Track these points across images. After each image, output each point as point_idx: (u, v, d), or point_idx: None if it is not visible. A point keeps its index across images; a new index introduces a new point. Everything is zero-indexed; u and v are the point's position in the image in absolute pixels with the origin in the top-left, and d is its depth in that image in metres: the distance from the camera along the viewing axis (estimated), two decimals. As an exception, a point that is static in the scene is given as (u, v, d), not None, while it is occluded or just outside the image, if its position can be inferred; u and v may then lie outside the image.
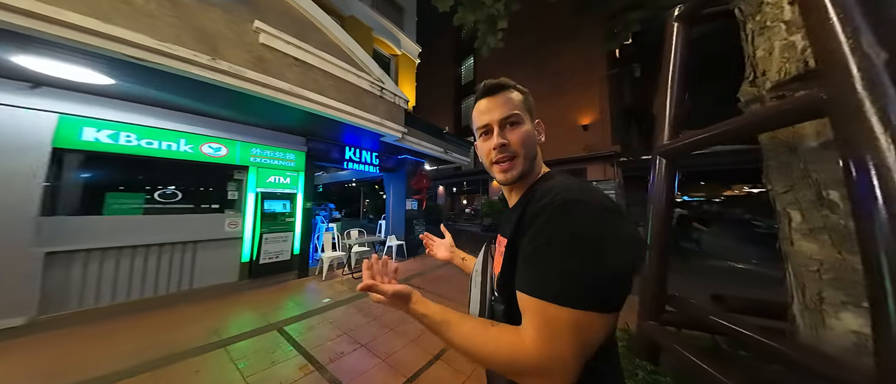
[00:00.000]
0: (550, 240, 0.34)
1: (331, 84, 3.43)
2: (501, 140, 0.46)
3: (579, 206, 0.34)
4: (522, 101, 0.49)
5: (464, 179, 15.75)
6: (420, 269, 4.89)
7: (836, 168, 0.66)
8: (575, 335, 0.30)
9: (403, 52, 7.79)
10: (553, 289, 0.31)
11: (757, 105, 0.86)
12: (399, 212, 6.03)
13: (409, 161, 6.15)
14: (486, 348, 0.34)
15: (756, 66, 0.85)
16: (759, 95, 0.85)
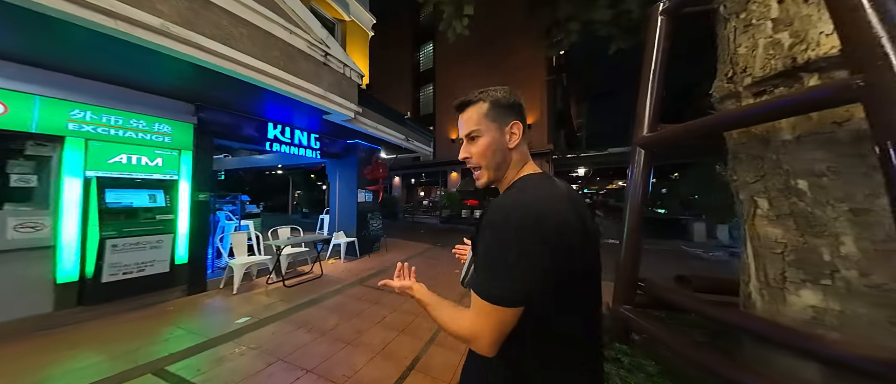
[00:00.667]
0: (483, 251, 0.48)
1: (244, 34, 2.49)
2: (465, 154, 0.56)
3: (500, 231, 0.46)
4: (484, 113, 0.54)
5: (422, 170, 15.34)
6: (377, 268, 4.38)
7: (807, 159, 0.74)
8: (487, 318, 0.45)
9: (352, 19, 6.66)
10: (478, 287, 0.47)
11: (731, 101, 0.94)
12: (348, 205, 5.26)
13: (361, 147, 5.37)
14: (450, 324, 0.50)
15: (736, 63, 0.91)
16: (735, 91, 0.91)
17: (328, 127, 4.38)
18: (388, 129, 5.02)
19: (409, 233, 8.96)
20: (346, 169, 5.39)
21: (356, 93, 4.03)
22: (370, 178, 5.53)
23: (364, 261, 4.81)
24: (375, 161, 5.62)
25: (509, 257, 0.44)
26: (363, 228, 5.26)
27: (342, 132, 4.71)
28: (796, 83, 0.75)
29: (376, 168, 5.59)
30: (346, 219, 5.27)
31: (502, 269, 0.45)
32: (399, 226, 10.85)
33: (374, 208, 5.74)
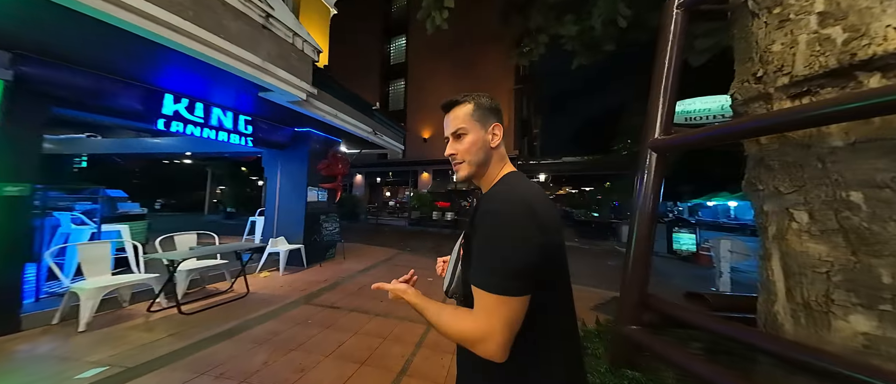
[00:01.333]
0: (481, 245, 0.49)
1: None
2: (451, 150, 0.60)
3: (499, 220, 0.48)
4: (470, 113, 0.58)
5: (390, 169, 14.41)
6: (331, 279, 3.65)
7: (866, 168, 0.67)
8: (497, 312, 0.44)
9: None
10: (483, 281, 0.46)
11: (759, 104, 0.87)
12: (294, 205, 4.34)
13: (315, 137, 4.52)
14: (449, 323, 0.48)
15: (768, 62, 0.83)
16: (764, 93, 0.84)
17: (268, 109, 3.49)
18: (352, 120, 4.33)
19: (373, 237, 8.11)
20: (291, 162, 4.44)
21: (310, 71, 3.30)
22: (325, 175, 4.70)
23: (313, 271, 3.99)
24: (333, 155, 4.81)
25: (511, 244, 0.46)
26: (314, 233, 4.40)
27: (289, 117, 3.85)
28: (850, 82, 0.68)
29: (334, 163, 4.79)
30: (290, 222, 4.33)
31: (505, 258, 0.45)
32: (361, 229, 9.82)
33: (330, 209, 4.91)
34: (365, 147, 6.01)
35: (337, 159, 4.86)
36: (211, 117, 3.23)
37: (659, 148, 1.10)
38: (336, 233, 4.82)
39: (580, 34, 2.40)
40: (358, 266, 4.47)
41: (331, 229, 4.71)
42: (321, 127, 4.34)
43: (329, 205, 4.93)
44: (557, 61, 3.15)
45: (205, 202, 12.02)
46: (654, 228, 1.11)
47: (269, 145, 4.21)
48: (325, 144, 4.84)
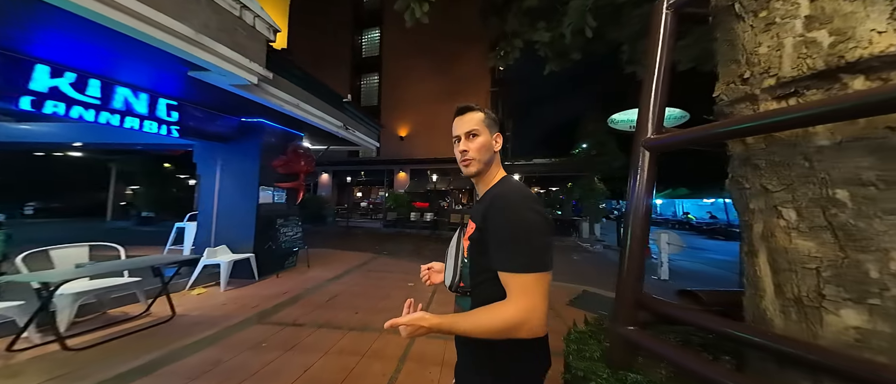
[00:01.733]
0: (504, 236, 0.55)
1: None
2: (464, 147, 0.67)
3: (517, 210, 0.56)
4: (482, 119, 0.69)
5: (362, 168, 13.50)
6: (291, 291, 3.13)
7: (850, 167, 0.70)
8: (537, 289, 0.51)
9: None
10: (521, 264, 0.52)
11: (745, 105, 0.90)
12: (240, 209, 3.68)
13: (269, 130, 3.91)
14: (489, 320, 0.51)
15: (754, 64, 0.86)
16: (751, 94, 0.87)
17: (204, 93, 2.87)
18: (318, 112, 3.82)
19: (344, 241, 7.43)
20: (237, 157, 3.75)
21: (263, 51, 2.79)
22: (283, 172, 4.09)
23: (267, 284, 3.41)
24: (294, 150, 4.22)
25: (537, 230, 0.55)
26: (268, 240, 3.78)
27: (234, 104, 3.22)
28: (835, 84, 0.71)
29: (295, 159, 4.20)
30: (235, 228, 3.65)
31: (535, 241, 0.53)
32: (328, 233, 8.95)
33: (291, 212, 4.29)
34: (334, 143, 5.44)
35: (298, 155, 4.27)
36: (113, 98, 2.49)
37: (652, 147, 1.09)
38: (298, 238, 4.22)
39: (552, 41, 2.49)
40: (326, 273, 3.96)
41: (291, 234, 4.11)
42: (279, 118, 3.75)
43: (289, 207, 4.31)
44: (529, 67, 3.24)
45: (107, 206, 9.51)
46: (647, 227, 1.09)
47: (206, 136, 3.48)
48: (284, 138, 4.21)
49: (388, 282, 3.68)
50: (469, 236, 0.64)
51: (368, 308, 2.82)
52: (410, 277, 3.90)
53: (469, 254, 0.63)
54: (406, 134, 12.71)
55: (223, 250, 3.42)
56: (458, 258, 0.67)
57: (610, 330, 1.15)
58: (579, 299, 3.08)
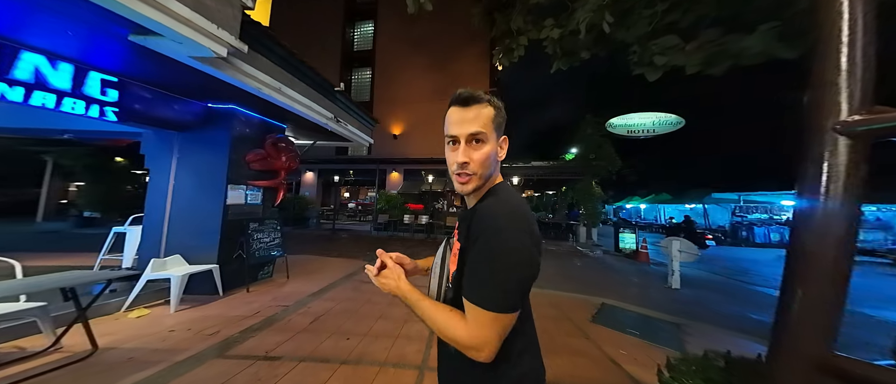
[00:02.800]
0: (479, 262, 0.48)
1: None
2: (465, 158, 0.52)
3: (500, 238, 0.48)
4: (492, 118, 0.53)
5: (350, 166, 12.74)
6: (264, 311, 2.59)
7: None
8: (492, 327, 0.46)
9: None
10: (479, 298, 0.47)
11: None
12: (201, 210, 3.07)
13: (242, 118, 3.33)
14: (443, 327, 0.49)
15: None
16: None
17: (154, 67, 2.32)
18: (306, 100, 3.25)
19: (330, 246, 6.81)
20: (199, 149, 3.15)
21: (237, 18, 2.25)
22: (259, 169, 3.52)
23: (235, 302, 2.83)
24: (273, 144, 3.66)
25: (510, 266, 0.47)
26: (237, 248, 3.20)
27: (196, 85, 2.65)
28: None
29: (274, 154, 3.64)
30: (194, 234, 3.05)
31: (503, 279, 0.47)
32: (312, 237, 8.25)
33: (268, 214, 3.71)
34: (322, 137, 4.88)
35: (279, 150, 3.71)
36: (15, 65, 1.87)
37: (857, 134, 0.69)
38: (275, 244, 3.65)
39: (561, 38, 2.30)
40: (308, 287, 3.41)
41: (267, 240, 3.53)
42: (256, 105, 3.19)
43: (266, 208, 3.72)
44: (520, 71, 3.05)
45: (38, 204, 8.10)
46: (849, 253, 0.68)
47: (158, 123, 2.87)
48: (262, 129, 3.64)
49: (384, 297, 3.15)
50: (457, 257, 0.56)
51: (362, 332, 2.33)
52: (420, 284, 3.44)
53: (454, 280, 0.55)
54: (400, 132, 12.16)
55: (176, 261, 2.81)
56: (443, 279, 0.60)
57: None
58: (601, 315, 2.79)
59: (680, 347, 2.12)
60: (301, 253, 5.48)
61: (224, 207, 3.08)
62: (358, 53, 13.70)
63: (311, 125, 3.91)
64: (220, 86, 2.53)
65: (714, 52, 1.43)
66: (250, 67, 2.52)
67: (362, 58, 13.49)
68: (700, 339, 2.30)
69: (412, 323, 2.50)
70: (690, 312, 3.13)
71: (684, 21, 1.52)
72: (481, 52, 11.24)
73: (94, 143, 6.25)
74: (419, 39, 12.04)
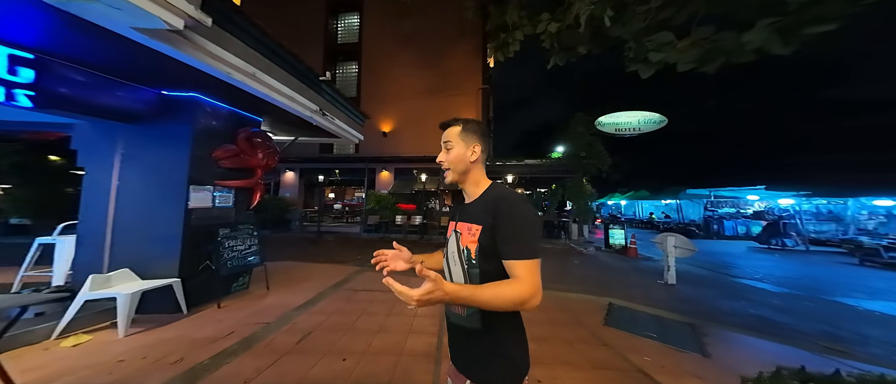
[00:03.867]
0: (516, 228, 0.66)
1: None
2: (441, 158, 0.78)
3: (525, 208, 0.68)
4: (458, 132, 0.77)
5: (336, 165, 12.06)
6: (240, 331, 2.17)
7: None
8: (538, 272, 0.63)
9: None
10: (527, 252, 0.63)
11: None
12: (154, 215, 2.61)
13: (209, 109, 2.89)
14: (504, 296, 0.60)
15: None
16: None
17: (88, 44, 1.86)
18: (285, 88, 2.82)
19: (316, 251, 6.30)
20: (151, 144, 2.67)
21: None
22: (230, 167, 3.07)
23: (201, 321, 2.39)
24: (248, 139, 3.21)
25: (535, 224, 0.69)
26: (204, 258, 2.76)
27: (146, 67, 2.21)
28: None
29: (249, 151, 3.20)
30: (148, 244, 2.57)
31: (535, 234, 0.67)
32: (295, 241, 7.65)
33: (241, 218, 3.26)
34: (306, 133, 4.42)
35: (255, 146, 3.27)
36: None
37: None
38: (252, 251, 3.21)
39: (559, 32, 2.24)
40: (292, 299, 3.01)
41: (241, 248, 3.09)
42: (225, 93, 2.74)
43: (239, 211, 3.27)
44: (508, 70, 3.02)
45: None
46: None
47: (95, 113, 2.37)
48: (233, 122, 3.19)
49: (381, 307, 2.83)
50: (478, 239, 0.69)
51: (360, 350, 2.01)
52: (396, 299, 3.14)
53: (478, 256, 0.69)
54: (390, 129, 11.66)
55: (123, 276, 2.34)
56: (464, 263, 0.71)
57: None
58: (612, 316, 2.67)
59: (701, 350, 2.04)
60: (283, 259, 4.98)
61: (186, 211, 2.62)
62: (343, 46, 13.02)
63: (293, 119, 3.48)
64: (179, 69, 2.09)
65: (709, 50, 1.42)
66: (216, 47, 2.11)
67: (347, 51, 12.84)
68: (718, 341, 2.23)
69: (417, 335, 2.23)
70: (695, 310, 3.11)
71: (678, 18, 1.51)
72: (473, 48, 11.06)
73: (21, 138, 5.27)
74: (409, 34, 11.64)
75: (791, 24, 1.13)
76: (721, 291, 4.10)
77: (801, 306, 3.52)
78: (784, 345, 2.22)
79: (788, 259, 7.18)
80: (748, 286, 4.52)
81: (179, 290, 2.47)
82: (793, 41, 1.17)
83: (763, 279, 4.99)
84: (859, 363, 1.91)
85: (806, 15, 1.09)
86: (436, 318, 2.55)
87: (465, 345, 0.71)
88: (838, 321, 3.01)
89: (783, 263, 6.54)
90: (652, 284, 4.26)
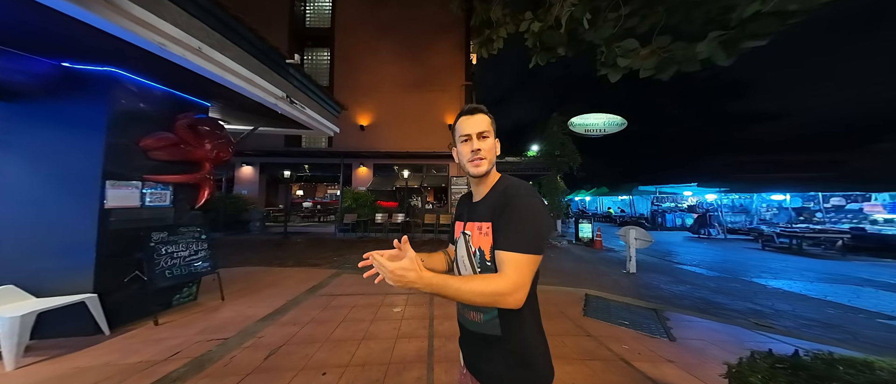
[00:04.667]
0: (512, 220, 0.61)
1: None
2: (479, 146, 0.69)
3: (527, 200, 0.63)
4: (490, 123, 0.72)
5: (306, 160, 10.96)
6: (186, 351, 1.73)
7: None
8: (526, 269, 0.57)
9: None
10: (514, 244, 0.59)
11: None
12: (54, 216, 2.04)
13: (133, 88, 2.35)
14: (480, 289, 0.55)
15: None
16: None
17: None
18: (241, 69, 2.36)
19: (284, 253, 5.64)
20: (46, 127, 2.08)
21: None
22: (167, 159, 2.53)
23: (133, 340, 1.91)
24: (191, 126, 2.68)
25: (541, 218, 0.62)
26: (131, 267, 2.25)
27: (40, 30, 1.65)
28: None
29: (193, 141, 2.68)
30: (44, 254, 2.01)
31: (532, 225, 0.60)
32: (257, 244, 6.82)
33: (183, 220, 2.73)
34: (269, 123, 3.86)
35: (200, 135, 2.74)
36: None
37: None
38: (200, 258, 2.72)
39: (540, 32, 2.28)
40: (255, 309, 2.62)
41: (184, 254, 2.59)
42: (159, 71, 2.20)
43: (181, 211, 2.73)
44: (488, 70, 3.09)
45: None
46: None
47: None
48: (170, 106, 2.64)
49: (364, 313, 2.60)
50: (492, 237, 0.65)
51: (342, 362, 1.79)
52: (396, 300, 2.95)
53: (493, 255, 0.64)
54: (368, 123, 10.95)
55: (7, 295, 1.78)
56: (476, 266, 0.68)
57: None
58: (589, 307, 2.85)
59: (668, 334, 2.26)
60: (240, 265, 4.35)
61: (101, 212, 2.08)
62: (312, 31, 11.82)
63: (253, 105, 2.99)
64: (86, 34, 1.60)
65: (665, 58, 1.56)
66: (146, 12, 1.68)
67: (318, 36, 11.70)
68: (679, 325, 2.49)
69: (406, 340, 2.09)
70: (655, 296, 3.48)
71: (641, 26, 1.64)
72: (456, 43, 10.90)
73: None
74: (388, 24, 11.02)
75: (733, 37, 1.29)
76: (670, 277, 4.69)
77: (730, 287, 4.18)
78: (728, 325, 2.58)
79: (714, 246, 8.58)
80: (689, 271, 5.27)
81: (96, 308, 1.96)
82: (733, 53, 1.34)
83: (699, 265, 5.87)
84: (787, 338, 2.30)
85: (745, 30, 1.25)
86: (425, 321, 2.43)
87: (483, 353, 0.66)
88: (757, 298, 3.65)
89: (710, 250, 7.76)
90: (617, 274, 4.71)
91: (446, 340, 2.08)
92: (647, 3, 1.60)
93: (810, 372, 0.89)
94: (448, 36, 10.76)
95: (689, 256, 6.85)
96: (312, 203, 13.80)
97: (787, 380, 0.88)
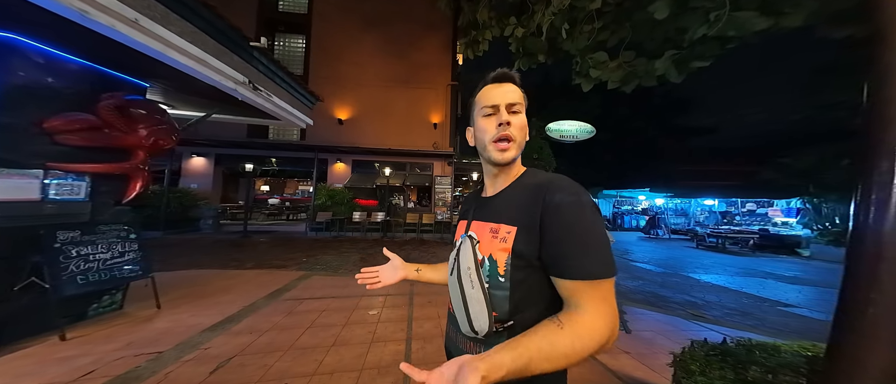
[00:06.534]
0: (585, 232, 0.45)
1: None
2: (507, 119, 0.52)
3: (587, 199, 0.47)
4: (523, 95, 0.55)
5: (274, 153, 9.99)
6: (107, 369, 1.48)
7: None
8: (613, 294, 0.45)
9: None
10: (601, 270, 0.43)
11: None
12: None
13: (37, 60, 1.90)
14: (581, 347, 0.40)
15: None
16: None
17: None
18: (189, 46, 2.01)
19: (241, 254, 5.02)
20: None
21: None
22: (83, 145, 2.10)
23: (32, 360, 1.50)
24: (117, 109, 2.25)
25: (603, 225, 0.47)
26: (23, 273, 1.84)
27: None
28: None
29: (122, 125, 2.27)
30: None
31: (606, 242, 0.46)
32: (208, 244, 6.03)
33: (101, 216, 2.29)
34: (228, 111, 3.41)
35: (132, 119, 2.33)
36: None
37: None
38: (126, 261, 2.30)
39: (523, 38, 2.38)
40: (200, 318, 2.28)
41: (105, 256, 2.18)
42: (78, 41, 1.78)
43: (101, 207, 2.29)
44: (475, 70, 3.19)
45: None
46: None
47: None
48: (90, 83, 2.21)
49: (335, 317, 2.39)
50: (512, 246, 0.48)
51: (307, 372, 1.63)
52: (372, 302, 2.78)
53: (510, 271, 0.48)
54: (347, 117, 10.33)
55: None
56: (484, 282, 0.50)
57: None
58: (557, 306, 3.00)
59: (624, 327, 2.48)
60: (188, 267, 3.81)
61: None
62: (285, 16, 10.84)
63: (207, 90, 2.61)
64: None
65: (628, 72, 1.72)
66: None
67: (291, 22, 10.76)
68: (634, 318, 2.71)
69: (381, 344, 1.98)
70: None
71: (611, 41, 1.78)
72: (443, 42, 10.81)
73: None
74: (371, 17, 10.54)
75: (684, 57, 1.47)
76: (626, 273, 5.20)
77: (672, 281, 4.77)
78: (671, 316, 2.91)
79: (661, 245, 9.76)
80: (641, 268, 5.92)
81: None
82: (683, 71, 1.51)
83: (649, 262, 6.63)
84: (716, 326, 2.65)
85: (693, 52, 1.41)
86: (403, 323, 2.34)
87: None
88: (693, 291, 4.21)
89: (658, 249, 8.83)
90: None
91: (425, 342, 2.02)
92: (616, 19, 1.73)
93: (736, 357, 1.03)
94: (435, 34, 10.66)
95: (641, 254, 7.69)
96: (280, 199, 12.66)
97: (718, 365, 1.01)
